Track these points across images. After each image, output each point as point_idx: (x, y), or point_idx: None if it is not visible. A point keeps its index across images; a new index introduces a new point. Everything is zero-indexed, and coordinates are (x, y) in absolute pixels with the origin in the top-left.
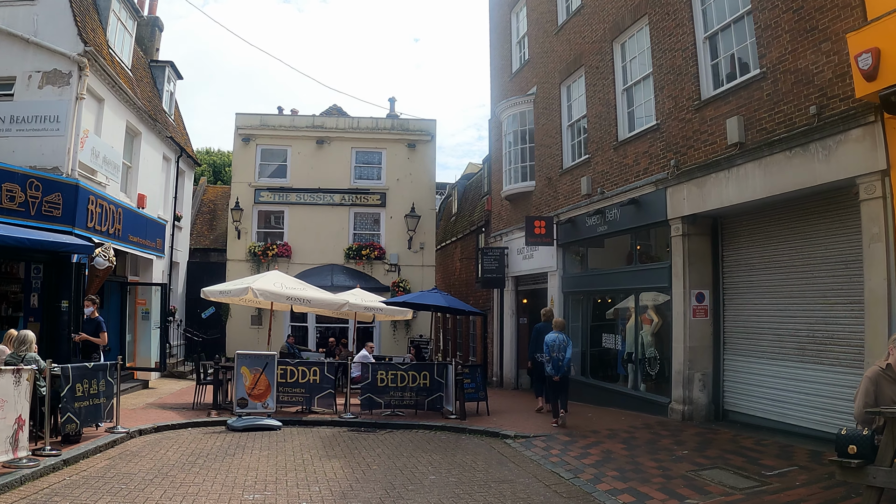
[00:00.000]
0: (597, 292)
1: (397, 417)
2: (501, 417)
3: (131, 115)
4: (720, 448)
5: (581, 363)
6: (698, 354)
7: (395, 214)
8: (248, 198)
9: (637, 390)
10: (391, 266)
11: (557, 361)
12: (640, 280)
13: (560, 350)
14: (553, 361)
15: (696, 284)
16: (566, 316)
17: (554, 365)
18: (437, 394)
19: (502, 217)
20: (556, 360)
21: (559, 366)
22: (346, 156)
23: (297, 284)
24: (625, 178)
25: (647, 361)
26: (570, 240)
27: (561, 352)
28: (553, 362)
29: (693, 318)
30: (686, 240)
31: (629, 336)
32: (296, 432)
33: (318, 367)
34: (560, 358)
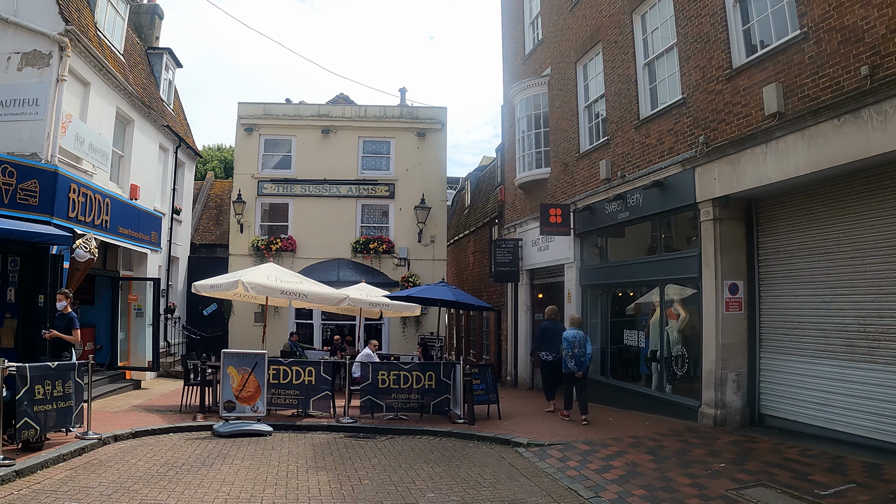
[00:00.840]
0: (617, 285)
1: (400, 422)
2: (514, 422)
3: (122, 102)
4: (761, 460)
5: (601, 362)
6: (731, 352)
7: (404, 206)
8: (250, 190)
9: (662, 392)
10: (400, 260)
11: (580, 357)
12: (666, 271)
13: (581, 346)
14: (576, 357)
15: (728, 274)
16: (584, 311)
17: (577, 361)
18: (443, 396)
19: (516, 207)
20: (578, 356)
21: (581, 361)
22: (353, 145)
23: (293, 278)
24: (647, 160)
25: (674, 360)
26: (588, 228)
27: (582, 347)
28: (576, 358)
29: (726, 311)
30: (717, 225)
31: (653, 333)
32: (287, 439)
33: (314, 367)
34: (582, 353)
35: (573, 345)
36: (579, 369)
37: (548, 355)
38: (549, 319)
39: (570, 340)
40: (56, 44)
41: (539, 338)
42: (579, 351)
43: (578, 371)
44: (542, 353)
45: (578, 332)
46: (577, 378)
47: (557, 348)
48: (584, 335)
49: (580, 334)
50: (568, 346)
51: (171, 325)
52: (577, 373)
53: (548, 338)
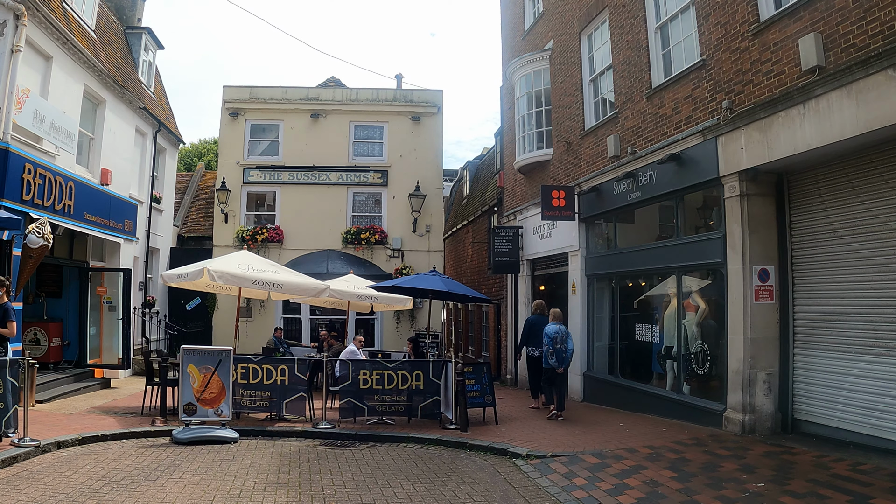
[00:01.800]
0: (627, 274)
1: (384, 427)
2: (512, 427)
3: (92, 80)
4: (807, 478)
5: (608, 360)
6: (762, 349)
7: (398, 194)
8: (236, 178)
9: (679, 393)
10: (394, 251)
11: (561, 353)
12: (684, 256)
13: (563, 341)
14: (557, 353)
15: (758, 259)
16: (590, 303)
17: (558, 357)
18: (432, 398)
19: (516, 193)
20: (559, 352)
21: (563, 357)
22: (344, 130)
23: (268, 266)
24: (661, 132)
25: (693, 358)
26: (594, 212)
27: (564, 343)
28: (557, 354)
29: (755, 301)
30: (745, 202)
31: (668, 327)
32: (253, 447)
33: (287, 366)
34: (563, 350)
35: (554, 340)
36: (560, 365)
37: (534, 350)
38: (536, 314)
39: (552, 336)
40: (11, 11)
41: (525, 333)
42: (560, 347)
43: (559, 367)
44: (528, 349)
45: (560, 327)
46: (558, 374)
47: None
48: (566, 330)
49: (562, 329)
50: (549, 342)
51: (150, 320)
52: (559, 369)
53: (534, 332)
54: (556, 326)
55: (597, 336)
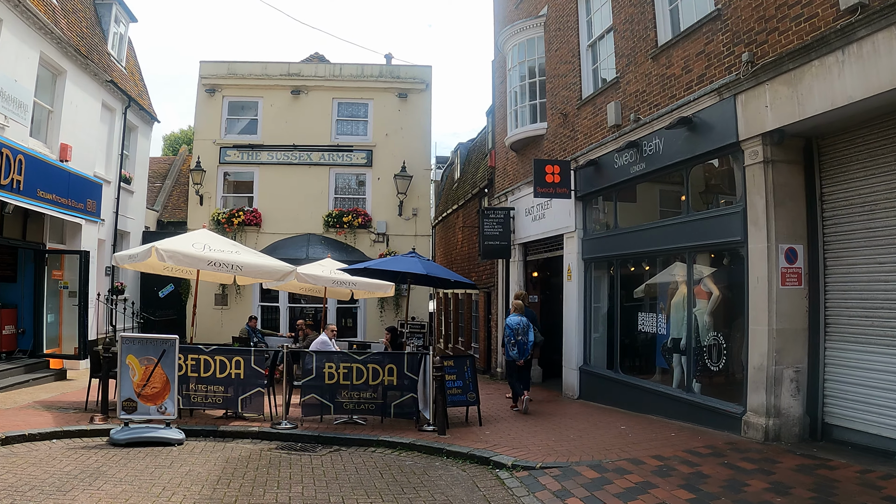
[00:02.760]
0: (629, 257)
1: (353, 428)
2: (498, 429)
3: (49, 48)
4: (854, 500)
5: (607, 353)
6: (789, 341)
7: (383, 175)
8: (212, 157)
9: (689, 392)
10: (378, 235)
11: (523, 345)
12: (695, 235)
13: (525, 333)
14: (518, 345)
15: (784, 236)
16: (587, 290)
17: (520, 349)
18: (408, 395)
19: (507, 173)
20: (521, 344)
21: (524, 349)
22: (327, 108)
23: (228, 247)
24: (669, 95)
25: (705, 351)
26: (592, 189)
27: (525, 335)
28: (518, 345)
29: (781, 286)
30: (769, 170)
31: (675, 316)
32: (199, 450)
33: (243, 358)
34: (525, 342)
35: (515, 332)
36: (521, 357)
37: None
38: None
39: (513, 328)
40: None
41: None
42: (522, 338)
43: (520, 359)
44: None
45: (522, 318)
46: (519, 366)
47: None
48: (528, 322)
49: (524, 321)
50: (510, 334)
51: (115, 306)
52: (519, 361)
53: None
54: (518, 318)
55: (594, 327)
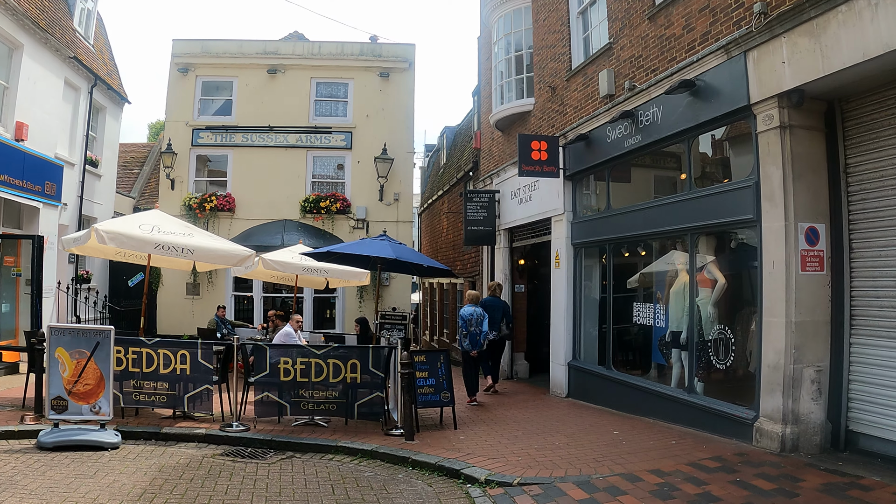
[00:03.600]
0: (623, 241)
1: (313, 431)
2: (474, 434)
3: (4, 19)
4: None
5: (599, 348)
6: (809, 336)
7: (363, 158)
8: (184, 139)
9: (691, 393)
10: (357, 222)
11: (475, 336)
12: (698, 214)
13: (478, 324)
14: (471, 336)
15: (804, 214)
16: (577, 277)
17: (472, 340)
18: (373, 394)
19: (493, 154)
20: (473, 335)
21: (476, 340)
22: (305, 88)
23: (180, 228)
24: (669, 58)
25: (710, 347)
26: (583, 167)
27: (478, 326)
28: (471, 336)
29: (801, 271)
30: (787, 137)
31: (675, 307)
32: (133, 456)
33: (189, 351)
34: (478, 332)
35: (468, 323)
36: (473, 348)
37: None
38: (491, 295)
39: (466, 318)
40: None
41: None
42: (475, 329)
43: (473, 350)
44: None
45: (476, 309)
46: (472, 357)
47: (499, 325)
48: (482, 313)
49: (477, 311)
50: (463, 325)
51: (77, 295)
52: (472, 352)
53: (488, 314)
54: (472, 309)
55: (585, 318)
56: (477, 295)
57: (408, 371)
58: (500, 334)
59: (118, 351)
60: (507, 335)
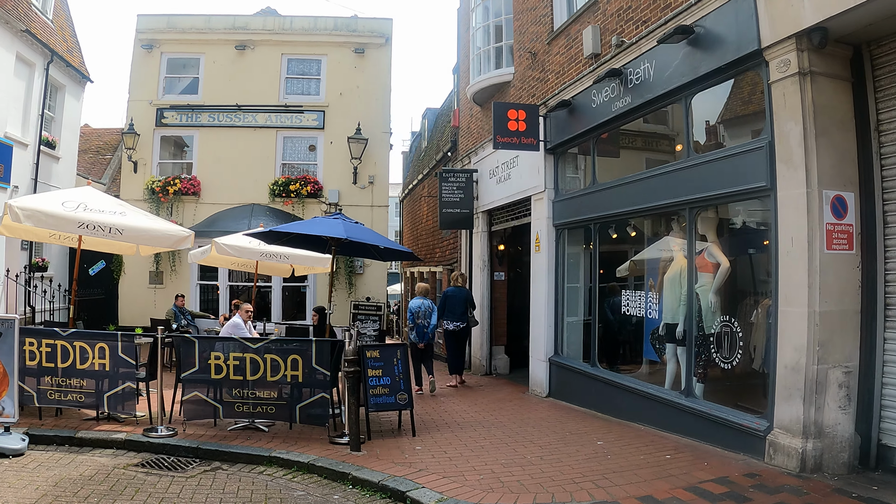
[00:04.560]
0: (610, 220)
1: (248, 437)
2: (434, 443)
3: None
4: None
5: (583, 342)
6: (836, 330)
7: (336, 139)
8: (147, 120)
9: (689, 397)
10: (330, 206)
11: (423, 329)
12: (699, 184)
13: (425, 317)
14: (418, 329)
15: (829, 180)
16: (559, 263)
17: (419, 332)
18: (318, 395)
19: (472, 132)
20: (420, 328)
21: (424, 333)
22: (275, 65)
23: (111, 206)
24: (662, 6)
25: (712, 342)
26: (565, 137)
27: (426, 318)
28: (418, 329)
29: (826, 250)
30: (808, 85)
31: (670, 294)
32: (35, 465)
33: (108, 344)
34: (426, 325)
35: (416, 315)
36: (421, 341)
37: (449, 324)
38: (454, 285)
39: (414, 311)
40: None
41: (441, 305)
42: (423, 322)
43: (420, 343)
44: (445, 322)
45: (424, 301)
46: (421, 350)
47: (463, 317)
48: (431, 304)
49: (425, 304)
50: (411, 318)
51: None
52: (420, 344)
53: (451, 305)
54: (420, 301)
55: (568, 308)
56: (426, 287)
57: (353, 370)
58: (463, 325)
59: (31, 343)
60: (472, 325)
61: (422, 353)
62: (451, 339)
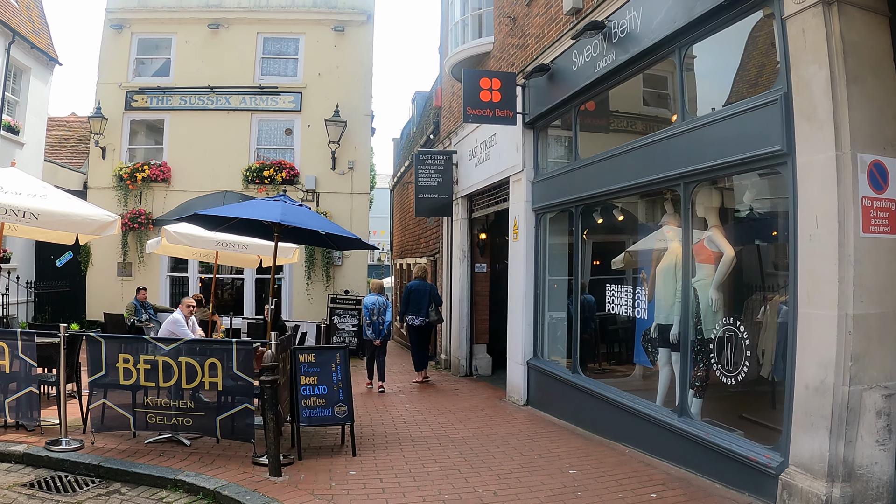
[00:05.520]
0: (595, 201)
1: (162, 454)
2: (374, 466)
3: None
4: None
5: (567, 345)
6: (874, 339)
7: (314, 122)
8: (116, 103)
9: (683, 417)
10: (306, 193)
11: (378, 325)
12: (695, 152)
13: (380, 313)
14: (374, 325)
15: (865, 140)
16: (539, 253)
17: (374, 329)
18: (240, 405)
19: (453, 111)
20: (376, 324)
21: (379, 330)
22: (251, 44)
23: (32, 188)
24: None
25: (712, 349)
26: (545, 107)
27: (381, 315)
28: (374, 325)
29: (863, 233)
30: (834, 17)
31: (664, 290)
32: None
33: (6, 343)
34: (381, 321)
35: (371, 312)
36: (377, 337)
37: (414, 319)
38: (418, 278)
39: (368, 308)
40: None
41: (405, 299)
42: (377, 318)
43: (376, 339)
44: (408, 317)
45: (378, 297)
46: (376, 346)
47: (426, 311)
48: (385, 301)
49: (380, 300)
50: (366, 314)
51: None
52: (375, 341)
53: (414, 299)
54: (374, 297)
55: (549, 304)
56: (380, 283)
57: (270, 379)
58: (427, 320)
59: None
60: (435, 321)
61: (376, 350)
62: (414, 335)
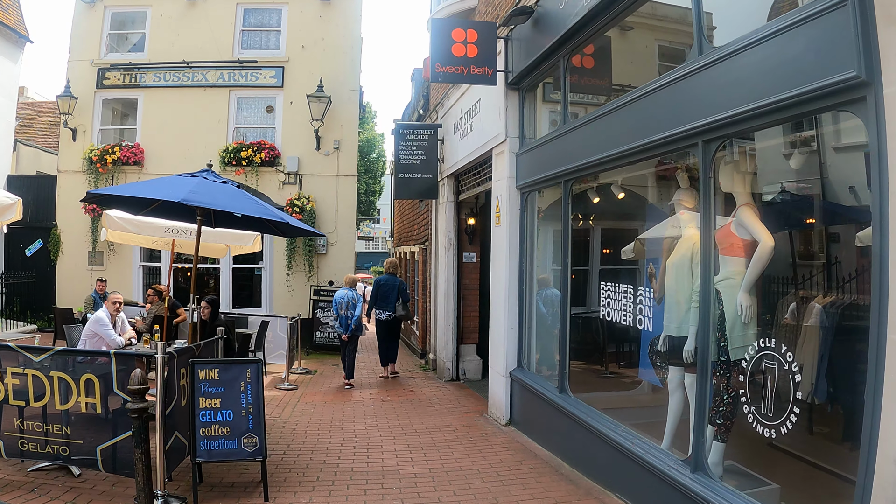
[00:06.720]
0: (588, 171)
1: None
2: None
3: None
4: None
5: (560, 355)
6: None
7: (297, 99)
8: (88, 81)
9: (696, 472)
10: (288, 175)
11: (346, 319)
12: (724, 94)
13: (348, 308)
14: (341, 319)
15: None
16: (524, 240)
17: (342, 323)
18: (123, 433)
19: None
20: (343, 319)
21: (347, 324)
22: (230, 15)
23: None
24: None
25: (741, 377)
26: (529, 61)
27: (350, 309)
28: (341, 320)
29: None
30: None
31: (675, 289)
32: None
33: None
34: (349, 316)
35: (340, 306)
36: (345, 332)
37: (381, 313)
38: (388, 273)
39: (337, 302)
40: None
41: (373, 294)
42: (345, 313)
43: (345, 334)
44: (376, 311)
45: (349, 292)
46: (344, 341)
47: (393, 305)
48: (356, 296)
49: (349, 295)
50: (335, 308)
51: None
52: (344, 335)
53: (382, 294)
54: (345, 291)
55: (536, 305)
56: (352, 278)
57: (137, 408)
58: (394, 315)
59: None
60: (402, 316)
61: (346, 344)
62: (381, 329)
